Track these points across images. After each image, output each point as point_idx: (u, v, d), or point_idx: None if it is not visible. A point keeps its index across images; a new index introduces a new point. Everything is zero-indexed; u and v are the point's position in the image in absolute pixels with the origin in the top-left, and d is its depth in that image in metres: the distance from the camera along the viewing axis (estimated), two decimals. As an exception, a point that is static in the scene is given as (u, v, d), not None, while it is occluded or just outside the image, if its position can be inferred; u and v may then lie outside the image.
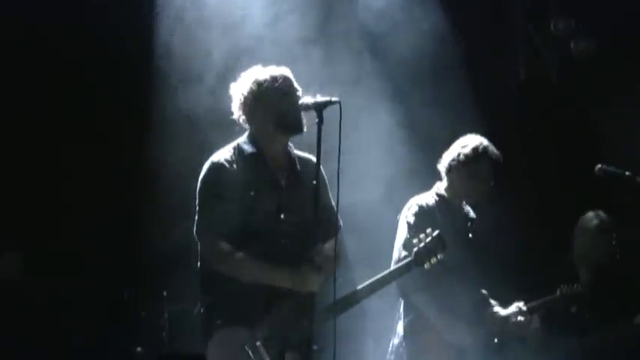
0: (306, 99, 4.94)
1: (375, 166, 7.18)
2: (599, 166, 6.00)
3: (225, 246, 5.03)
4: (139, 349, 7.40)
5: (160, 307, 7.58)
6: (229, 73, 5.47)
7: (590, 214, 7.15)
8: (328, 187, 5.29)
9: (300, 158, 5.32)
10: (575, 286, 6.55)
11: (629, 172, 5.93)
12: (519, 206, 8.14)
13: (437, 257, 5.37)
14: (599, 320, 6.88)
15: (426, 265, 5.37)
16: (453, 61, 8.02)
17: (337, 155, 4.84)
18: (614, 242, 7.08)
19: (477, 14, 8.27)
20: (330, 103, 4.81)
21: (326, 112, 4.80)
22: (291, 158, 5.31)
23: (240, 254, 5.03)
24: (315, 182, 4.86)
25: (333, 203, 5.20)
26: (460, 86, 7.85)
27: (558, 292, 6.53)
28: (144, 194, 7.82)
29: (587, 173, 6.22)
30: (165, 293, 7.60)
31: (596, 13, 8.29)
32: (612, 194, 6.62)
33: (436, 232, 5.39)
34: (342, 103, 4.78)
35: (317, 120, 4.81)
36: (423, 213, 5.92)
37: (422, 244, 5.37)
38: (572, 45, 8.35)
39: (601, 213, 7.12)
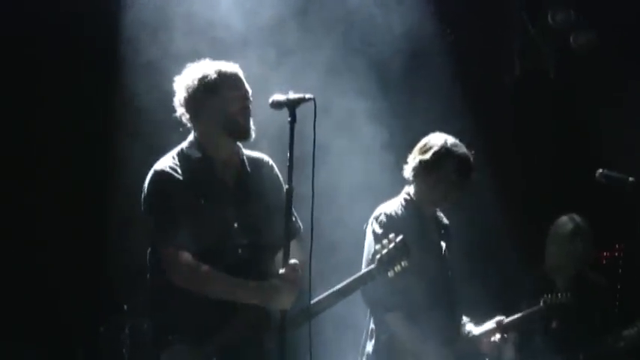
0: (277, 96, 4.77)
1: (356, 170, 7.12)
2: (601, 171, 5.88)
3: (189, 259, 4.86)
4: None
5: (120, 321, 7.46)
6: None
7: (564, 218, 7.04)
8: (284, 186, 5.00)
9: (250, 159, 5.16)
10: (560, 295, 6.37)
11: (632, 177, 5.80)
12: (512, 209, 8.15)
13: (401, 265, 5.17)
14: (583, 334, 6.77)
15: (389, 273, 5.17)
16: (443, 55, 7.93)
17: (311, 158, 4.72)
18: (590, 247, 6.99)
19: (468, 4, 8.21)
20: (303, 100, 4.69)
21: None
22: (239, 160, 5.13)
23: (205, 267, 4.85)
24: (287, 187, 4.72)
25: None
26: (450, 82, 7.77)
27: (542, 302, 6.36)
28: (105, 200, 7.79)
29: (586, 175, 6.13)
30: (125, 307, 7.48)
31: (596, 4, 8.22)
32: (613, 199, 6.44)
33: (400, 238, 5.20)
34: (316, 101, 4.67)
35: (289, 118, 4.69)
36: (391, 223, 5.74)
37: (385, 251, 5.20)
38: (571, 38, 8.28)
39: (575, 216, 7.01)
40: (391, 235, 5.22)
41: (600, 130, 8.09)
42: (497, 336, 6.02)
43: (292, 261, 4.83)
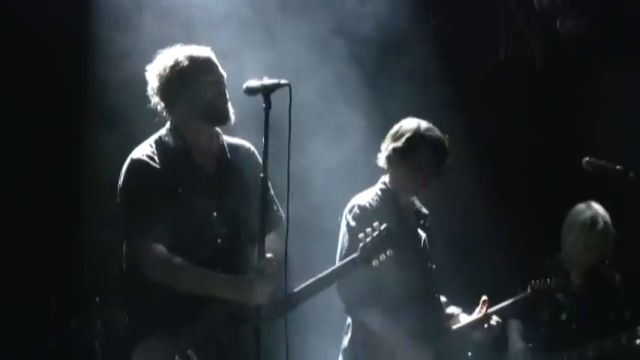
0: (252, 82, 4.76)
1: (335, 159, 7.09)
2: (587, 159, 5.83)
3: (161, 251, 4.87)
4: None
5: (91, 314, 7.43)
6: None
7: (581, 205, 6.90)
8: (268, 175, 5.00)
9: (231, 145, 5.14)
10: (550, 280, 6.26)
11: (619, 165, 5.76)
12: (496, 197, 8.08)
13: (386, 254, 5.15)
14: (595, 330, 6.66)
15: (374, 262, 5.15)
16: (424, 40, 7.85)
17: (287, 145, 4.72)
18: (610, 238, 6.81)
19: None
20: (278, 86, 4.67)
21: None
22: (219, 147, 5.13)
23: (178, 260, 4.86)
24: (262, 176, 4.71)
25: (272, 192, 5.12)
26: (431, 69, 7.68)
27: (529, 288, 6.26)
28: (79, 190, 7.73)
29: (572, 167, 6.09)
30: (97, 299, 7.44)
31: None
32: (600, 189, 6.47)
33: (384, 226, 5.18)
34: (292, 87, 4.66)
35: (264, 105, 4.67)
36: (365, 215, 5.66)
37: (368, 239, 5.17)
38: (558, 23, 8.18)
39: (593, 204, 6.86)
40: (375, 224, 5.19)
41: (586, 117, 8.02)
42: (492, 323, 5.93)
43: (269, 255, 4.82)
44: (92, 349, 7.35)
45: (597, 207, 6.83)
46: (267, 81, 4.69)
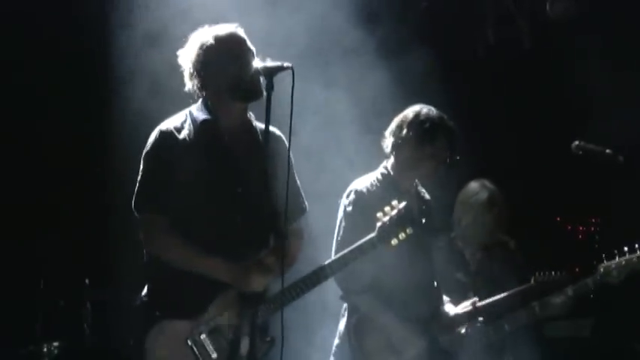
0: (255, 63, 4.89)
1: (331, 143, 7.19)
2: (577, 142, 5.98)
3: (163, 224, 5.04)
4: (55, 343, 7.29)
5: (81, 295, 7.48)
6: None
7: (475, 184, 6.93)
8: (293, 164, 5.19)
9: (262, 130, 5.14)
10: (554, 273, 6.44)
11: (609, 149, 5.93)
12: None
13: (406, 232, 5.27)
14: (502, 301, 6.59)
15: (393, 241, 5.27)
16: (414, 23, 7.99)
17: (296, 130, 4.85)
18: (505, 213, 6.88)
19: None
20: (281, 68, 4.75)
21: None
22: (251, 128, 5.24)
23: (177, 236, 5.01)
24: (263, 157, 4.88)
25: (299, 183, 5.29)
26: (421, 51, 7.74)
27: (533, 280, 6.42)
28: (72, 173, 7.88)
29: (562, 149, 6.21)
30: (87, 280, 7.49)
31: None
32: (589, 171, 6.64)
33: (403, 204, 5.29)
34: (294, 69, 4.71)
35: (267, 87, 4.77)
36: (362, 200, 5.81)
37: (387, 218, 5.28)
38: (547, 4, 8.20)
39: (487, 183, 6.89)
40: (394, 202, 5.30)
41: (577, 102, 8.11)
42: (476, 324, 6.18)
43: (274, 246, 5.03)
44: (80, 332, 7.41)
45: (491, 186, 6.87)
46: (271, 63, 4.77)
